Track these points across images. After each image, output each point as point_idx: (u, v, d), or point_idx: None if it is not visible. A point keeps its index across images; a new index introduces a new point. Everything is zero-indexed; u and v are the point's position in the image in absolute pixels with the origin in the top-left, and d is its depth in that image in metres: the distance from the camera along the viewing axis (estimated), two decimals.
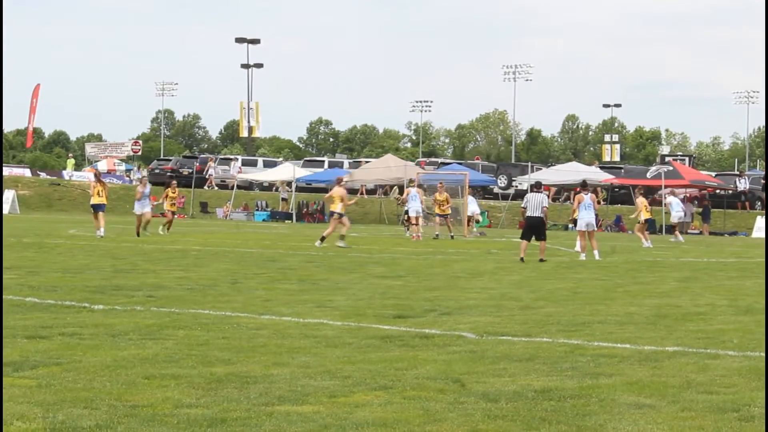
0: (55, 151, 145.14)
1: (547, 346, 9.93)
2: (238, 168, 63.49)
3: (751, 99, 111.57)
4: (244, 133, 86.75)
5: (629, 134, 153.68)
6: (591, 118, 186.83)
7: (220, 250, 25.22)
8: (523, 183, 54.40)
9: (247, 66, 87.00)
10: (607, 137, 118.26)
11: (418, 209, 34.62)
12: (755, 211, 51.98)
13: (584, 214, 25.23)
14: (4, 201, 53.18)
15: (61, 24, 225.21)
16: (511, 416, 6.81)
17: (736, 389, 7.81)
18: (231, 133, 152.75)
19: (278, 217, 54.33)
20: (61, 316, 11.60)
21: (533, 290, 15.93)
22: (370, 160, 70.43)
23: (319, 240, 27.80)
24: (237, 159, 68.09)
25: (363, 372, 8.31)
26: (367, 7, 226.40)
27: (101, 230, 29.84)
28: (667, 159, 64.23)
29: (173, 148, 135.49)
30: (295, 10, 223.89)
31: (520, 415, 6.86)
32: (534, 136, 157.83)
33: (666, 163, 56.09)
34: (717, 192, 53.28)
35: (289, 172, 57.48)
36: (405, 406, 7.06)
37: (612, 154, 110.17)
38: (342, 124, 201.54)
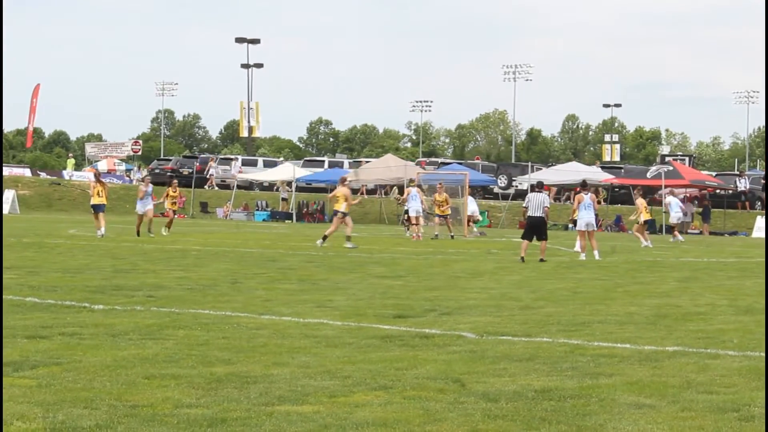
0: (55, 151, 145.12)
1: (547, 346, 9.93)
2: (238, 168, 63.48)
3: (751, 99, 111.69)
4: (244, 133, 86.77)
5: (629, 134, 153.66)
6: (591, 118, 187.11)
7: (220, 250, 25.22)
8: (523, 183, 54.39)
9: (247, 66, 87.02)
10: (607, 137, 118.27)
11: (418, 209, 34.61)
12: (755, 211, 51.98)
13: (584, 214, 25.24)
14: (4, 201, 53.17)
15: (61, 24, 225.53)
16: (511, 416, 6.81)
17: (736, 389, 7.81)
18: (231, 133, 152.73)
19: (278, 217, 54.33)
20: (61, 316, 11.60)
21: (533, 290, 15.93)
22: (370, 160, 70.42)
23: (321, 239, 27.75)
24: (237, 159, 68.08)
25: (363, 372, 8.30)
26: (367, 7, 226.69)
27: (101, 230, 29.86)
28: (667, 159, 64.22)
29: (173, 148, 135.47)
30: (295, 10, 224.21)
31: (520, 415, 6.86)
32: (534, 136, 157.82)
33: (666, 163, 56.08)
34: (717, 192, 53.29)
35: (289, 172, 57.49)
36: (405, 406, 7.06)
37: (612, 154, 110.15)
38: (342, 124, 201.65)
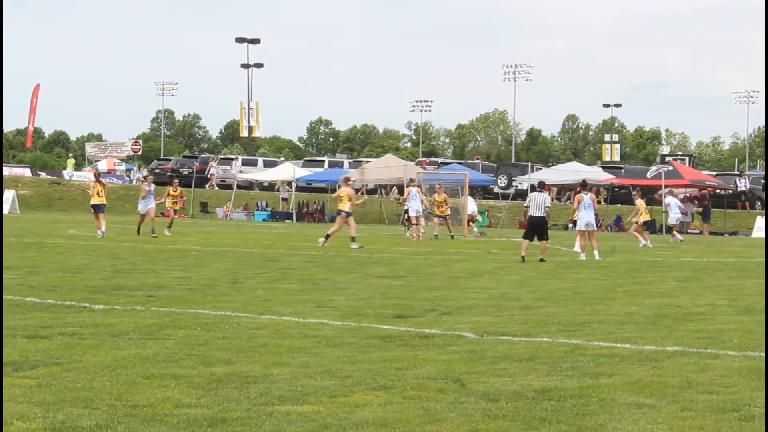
0: (55, 151, 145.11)
1: (547, 346, 9.93)
2: (239, 168, 63.47)
3: (751, 99, 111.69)
4: (244, 133, 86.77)
5: (629, 134, 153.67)
6: (591, 118, 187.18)
7: (220, 250, 25.22)
8: (523, 183, 54.39)
9: (247, 66, 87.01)
10: (607, 137, 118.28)
11: (419, 209, 34.60)
12: (755, 211, 51.98)
13: (584, 214, 25.25)
14: (4, 201, 53.17)
15: (61, 24, 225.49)
16: (511, 416, 6.81)
17: (736, 389, 7.81)
18: (231, 133, 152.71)
19: (278, 216, 54.33)
20: (61, 315, 11.60)
21: (533, 290, 15.93)
22: (370, 159, 70.42)
23: (324, 238, 27.75)
24: (237, 159, 68.07)
25: (363, 372, 8.31)
26: (367, 7, 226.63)
27: (102, 230, 29.87)
28: (667, 159, 64.21)
29: (173, 148, 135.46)
30: (295, 10, 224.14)
31: (520, 414, 6.86)
32: (534, 135, 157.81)
33: (666, 163, 56.08)
34: (717, 192, 53.29)
35: (289, 171, 57.49)
36: (405, 406, 7.06)
37: (612, 154, 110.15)
38: (342, 124, 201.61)
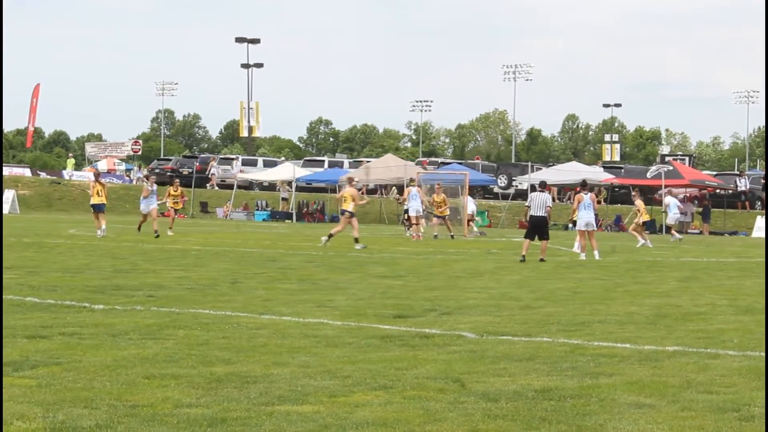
0: (55, 151, 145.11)
1: (547, 345, 9.93)
2: (239, 168, 63.46)
3: (751, 99, 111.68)
4: (244, 133, 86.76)
5: (629, 134, 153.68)
6: (591, 117, 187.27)
7: (220, 250, 25.22)
8: (523, 183, 54.38)
9: (247, 66, 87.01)
10: (607, 137, 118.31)
11: (419, 209, 34.58)
12: (755, 211, 51.97)
13: (584, 214, 25.25)
14: (4, 201, 53.16)
15: (61, 24, 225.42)
16: (511, 416, 6.81)
17: (736, 389, 7.81)
18: (231, 133, 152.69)
19: (278, 216, 54.33)
20: (61, 315, 11.60)
21: (533, 290, 15.93)
22: (370, 159, 70.41)
23: (327, 236, 27.77)
24: (238, 159, 68.06)
25: (363, 372, 8.31)
26: (367, 7, 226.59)
27: (102, 230, 29.87)
28: (667, 159, 64.20)
29: (173, 148, 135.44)
30: (295, 10, 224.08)
31: (520, 414, 6.86)
32: (534, 135, 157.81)
33: (666, 162, 56.07)
34: (717, 192, 53.28)
35: (289, 171, 57.49)
36: (405, 406, 7.06)
37: (612, 153, 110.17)
38: (342, 124, 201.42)
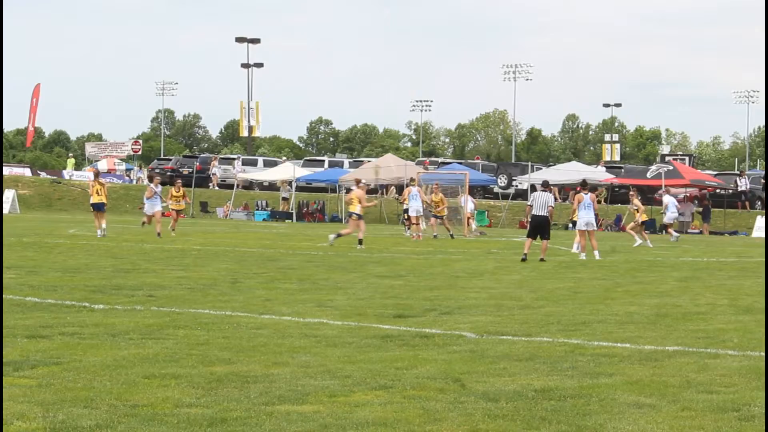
0: (56, 150, 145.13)
1: (547, 345, 9.94)
2: (241, 167, 63.44)
3: (751, 99, 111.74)
4: (244, 133, 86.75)
5: (629, 134, 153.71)
6: (591, 117, 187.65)
7: (220, 250, 25.22)
8: (523, 183, 54.37)
9: (247, 66, 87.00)
10: (608, 137, 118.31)
11: (419, 209, 34.57)
12: (755, 211, 51.93)
13: (584, 214, 25.26)
14: (5, 200, 53.13)
15: (61, 24, 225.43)
16: (511, 416, 6.81)
17: (736, 389, 7.81)
18: (231, 133, 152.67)
19: (278, 216, 54.32)
20: (62, 315, 11.60)
21: (533, 290, 15.93)
22: (370, 159, 70.41)
23: (335, 235, 27.82)
24: (239, 158, 68.03)
25: (363, 371, 8.31)
26: (367, 7, 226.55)
27: (102, 230, 29.87)
28: (667, 159, 64.18)
29: (173, 148, 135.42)
30: (295, 10, 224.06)
31: (520, 414, 6.86)
32: (534, 135, 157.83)
33: (666, 162, 56.06)
34: (717, 191, 53.28)
35: (290, 171, 57.50)
36: (405, 406, 7.06)
37: (612, 153, 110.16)
38: (342, 124, 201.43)
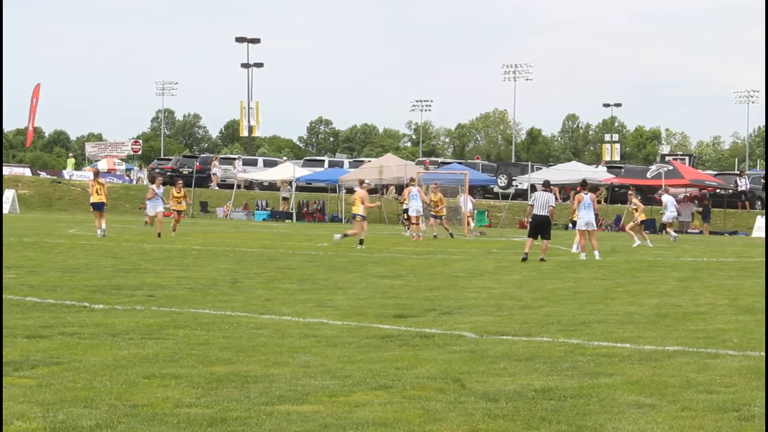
0: (56, 150, 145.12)
1: (547, 345, 9.94)
2: (241, 167, 63.44)
3: (751, 98, 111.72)
4: (245, 133, 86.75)
5: (629, 134, 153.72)
6: (591, 117, 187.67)
7: (220, 250, 25.22)
8: (523, 183, 54.35)
9: (247, 65, 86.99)
10: (608, 137, 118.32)
11: (419, 209, 34.56)
12: (755, 211, 51.93)
13: (584, 214, 25.27)
14: (5, 200, 53.13)
15: (61, 24, 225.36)
16: (511, 416, 6.81)
17: (736, 389, 7.81)
18: (231, 133, 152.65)
19: (278, 216, 54.33)
20: (62, 315, 11.60)
21: (533, 290, 15.93)
22: (370, 159, 70.41)
23: (341, 235, 27.87)
24: (239, 158, 68.02)
25: (363, 371, 8.31)
26: (367, 7, 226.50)
27: (101, 229, 29.85)
28: (667, 158, 64.17)
29: (173, 148, 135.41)
30: (295, 10, 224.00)
31: (520, 414, 6.86)
32: (534, 135, 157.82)
33: (666, 162, 56.04)
34: (717, 191, 53.27)
35: (290, 171, 57.51)
36: (405, 406, 7.06)
37: (612, 153, 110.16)
38: (342, 124, 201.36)
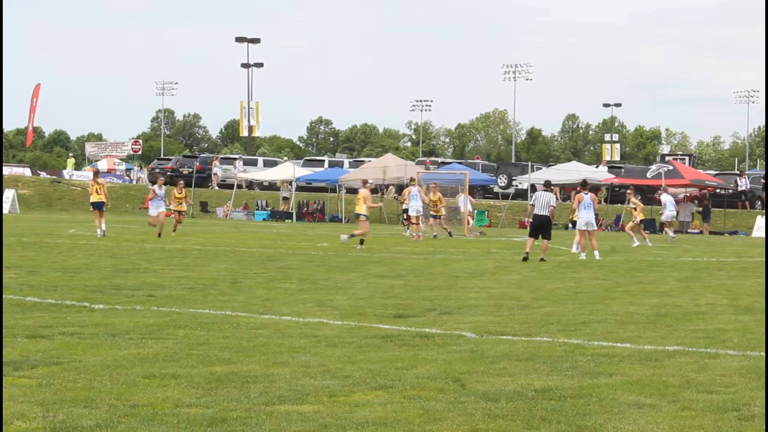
0: (56, 150, 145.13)
1: (547, 345, 9.94)
2: (242, 167, 63.43)
3: (751, 98, 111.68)
4: (245, 133, 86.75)
5: (629, 134, 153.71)
6: (591, 117, 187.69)
7: (220, 250, 25.22)
8: (523, 183, 54.34)
9: (247, 65, 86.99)
10: (608, 137, 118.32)
11: (419, 209, 34.56)
12: (755, 211, 51.92)
13: (584, 214, 25.27)
14: (5, 200, 53.13)
15: (61, 23, 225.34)
16: (511, 416, 6.81)
17: (736, 389, 7.81)
18: (231, 133, 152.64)
19: (278, 216, 54.33)
20: (62, 315, 11.60)
21: (533, 290, 15.93)
22: (370, 159, 70.41)
23: (348, 235, 27.88)
24: (240, 158, 68.01)
25: (363, 371, 8.31)
26: (367, 7, 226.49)
27: (101, 229, 29.85)
28: (667, 158, 64.16)
29: (173, 148, 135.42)
30: (295, 10, 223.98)
31: (520, 414, 6.86)
32: (534, 135, 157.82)
33: (666, 162, 56.04)
34: (717, 191, 53.27)
35: (290, 171, 57.52)
36: (405, 406, 7.06)
37: (612, 153, 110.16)
38: (342, 124, 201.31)
